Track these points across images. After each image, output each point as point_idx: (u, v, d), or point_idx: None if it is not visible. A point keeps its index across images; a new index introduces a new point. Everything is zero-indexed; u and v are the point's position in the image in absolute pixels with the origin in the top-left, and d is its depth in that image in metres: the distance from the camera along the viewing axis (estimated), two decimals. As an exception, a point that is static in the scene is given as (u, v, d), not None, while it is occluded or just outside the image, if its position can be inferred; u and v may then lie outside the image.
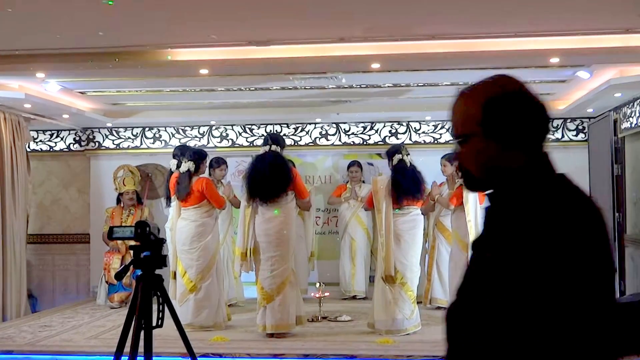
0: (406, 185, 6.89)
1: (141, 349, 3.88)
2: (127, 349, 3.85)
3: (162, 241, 3.93)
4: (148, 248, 3.86)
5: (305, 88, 7.87)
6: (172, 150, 8.33)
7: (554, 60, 6.27)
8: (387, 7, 5.05)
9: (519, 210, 1.64)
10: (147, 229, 3.82)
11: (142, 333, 3.84)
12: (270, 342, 6.55)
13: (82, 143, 10.17)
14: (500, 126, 1.71)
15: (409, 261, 6.86)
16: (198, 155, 7.34)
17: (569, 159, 9.44)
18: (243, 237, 6.92)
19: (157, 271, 3.94)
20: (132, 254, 3.96)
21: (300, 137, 9.86)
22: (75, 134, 10.18)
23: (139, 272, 3.93)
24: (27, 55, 6.24)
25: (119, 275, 4.05)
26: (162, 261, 3.91)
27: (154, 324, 3.89)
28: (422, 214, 7.22)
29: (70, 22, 5.34)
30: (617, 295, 7.03)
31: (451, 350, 1.74)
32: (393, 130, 9.76)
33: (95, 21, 5.30)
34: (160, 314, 3.91)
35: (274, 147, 6.88)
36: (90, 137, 10.12)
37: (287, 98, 8.56)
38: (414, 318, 6.85)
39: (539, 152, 1.75)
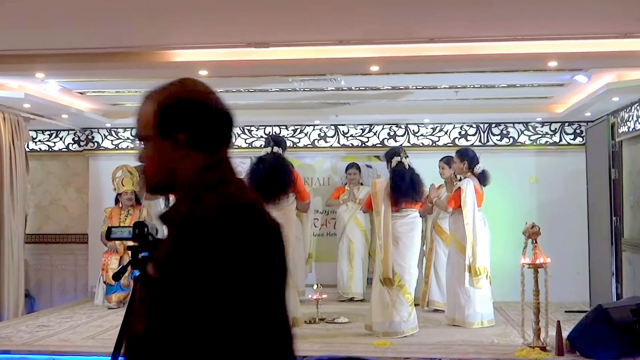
0: (405, 187, 6.91)
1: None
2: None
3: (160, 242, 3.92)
4: (146, 249, 3.85)
5: (304, 90, 7.88)
6: (170, 151, 8.33)
7: (552, 64, 6.29)
8: (386, 9, 5.06)
9: (188, 219, 1.62)
10: (145, 229, 3.81)
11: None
12: (268, 344, 6.55)
13: (81, 143, 10.17)
14: (174, 129, 1.71)
15: (407, 263, 6.88)
16: (197, 156, 7.35)
17: (567, 162, 9.47)
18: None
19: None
20: (130, 255, 3.95)
21: (299, 138, 9.87)
22: (74, 134, 10.18)
23: (137, 273, 3.93)
24: (26, 55, 6.25)
25: (117, 276, 4.03)
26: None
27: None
28: (420, 216, 7.24)
29: (70, 23, 5.35)
30: (614, 298, 7.04)
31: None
32: (391, 133, 9.77)
33: (96, 22, 5.31)
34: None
35: (275, 149, 6.89)
36: (89, 137, 10.12)
37: (286, 100, 8.57)
38: (412, 320, 6.86)
39: (218, 158, 1.75)
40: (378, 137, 9.79)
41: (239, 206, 1.65)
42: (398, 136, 9.75)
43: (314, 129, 9.87)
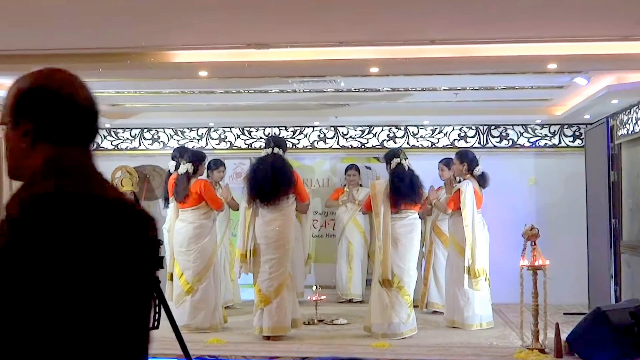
0: (404, 189, 6.91)
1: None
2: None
3: (160, 242, 3.92)
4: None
5: (304, 91, 7.88)
6: (170, 151, 8.34)
7: (552, 66, 6.29)
8: (387, 11, 5.06)
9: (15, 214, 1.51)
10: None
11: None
12: (267, 345, 6.56)
13: (80, 144, 10.16)
14: (24, 116, 1.66)
15: (406, 265, 6.88)
16: (197, 157, 7.35)
17: (566, 165, 9.48)
18: (243, 239, 6.92)
19: (154, 272, 3.93)
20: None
21: (299, 140, 9.88)
22: (74, 135, 10.16)
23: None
24: (26, 55, 6.24)
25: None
26: (159, 262, 3.90)
27: (150, 325, 3.88)
28: (419, 218, 7.24)
29: (69, 23, 5.35)
30: (613, 301, 7.06)
31: None
32: (391, 134, 9.77)
33: (96, 22, 5.32)
34: (157, 315, 3.91)
35: (276, 150, 6.90)
36: (89, 137, 10.11)
37: (286, 101, 8.58)
38: (410, 322, 6.86)
39: (66, 151, 1.65)
40: (377, 139, 9.79)
41: (53, 196, 1.52)
42: (397, 138, 9.75)
43: (313, 130, 9.87)
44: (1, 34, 5.67)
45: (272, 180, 6.72)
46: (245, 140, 9.95)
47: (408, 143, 9.67)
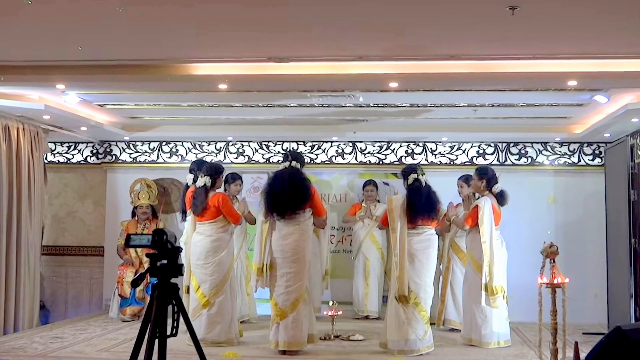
0: (421, 204, 6.88)
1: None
2: None
3: (179, 250, 3.92)
4: (165, 256, 3.85)
5: (322, 106, 7.90)
6: (188, 165, 8.36)
7: (572, 83, 6.27)
8: (407, 26, 5.07)
9: None
10: (165, 237, 3.81)
11: (156, 342, 3.81)
12: None
13: (99, 156, 10.23)
14: None
15: (422, 281, 6.83)
16: (215, 170, 7.35)
17: (585, 183, 9.42)
18: (260, 253, 6.90)
19: (173, 280, 3.93)
20: (149, 262, 3.94)
21: (317, 155, 9.88)
22: (93, 147, 10.24)
23: (155, 281, 3.92)
24: (48, 66, 6.31)
25: (136, 282, 4.05)
26: (179, 269, 3.90)
27: (169, 332, 3.87)
28: (436, 234, 7.19)
29: (91, 34, 5.40)
30: (633, 320, 6.90)
31: None
32: (409, 150, 9.76)
33: (117, 34, 5.36)
34: (175, 322, 3.90)
35: (294, 164, 6.89)
36: (108, 150, 10.19)
37: (304, 115, 8.60)
38: (427, 339, 6.80)
39: None
40: (395, 155, 9.78)
41: None
42: (416, 154, 9.73)
43: (331, 146, 9.88)
44: (24, 45, 5.73)
45: (288, 194, 6.70)
46: (263, 154, 9.97)
47: (426, 159, 9.65)
